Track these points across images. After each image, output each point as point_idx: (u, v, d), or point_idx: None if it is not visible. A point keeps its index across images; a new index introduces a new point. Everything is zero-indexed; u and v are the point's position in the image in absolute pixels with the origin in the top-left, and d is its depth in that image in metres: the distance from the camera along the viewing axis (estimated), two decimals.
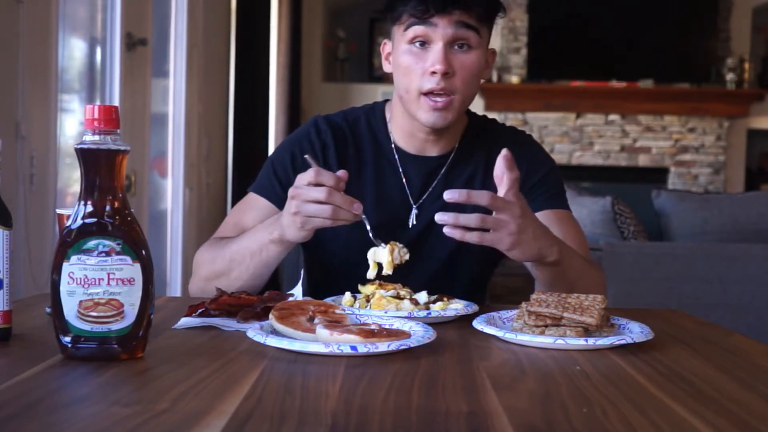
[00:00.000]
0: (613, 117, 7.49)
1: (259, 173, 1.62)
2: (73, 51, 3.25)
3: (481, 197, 1.21)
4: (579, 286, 1.38)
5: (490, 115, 1.70)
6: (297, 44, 6.34)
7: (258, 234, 1.43)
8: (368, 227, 1.35)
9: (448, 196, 1.21)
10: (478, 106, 7.32)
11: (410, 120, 1.54)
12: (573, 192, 3.78)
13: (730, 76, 7.28)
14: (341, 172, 1.29)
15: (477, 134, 1.63)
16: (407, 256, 1.32)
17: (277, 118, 5.85)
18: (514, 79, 7.39)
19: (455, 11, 1.44)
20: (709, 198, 3.67)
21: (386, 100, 1.65)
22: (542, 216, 1.53)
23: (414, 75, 1.47)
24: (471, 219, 1.21)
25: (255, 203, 1.58)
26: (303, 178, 1.31)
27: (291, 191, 1.31)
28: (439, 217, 1.20)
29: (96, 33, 3.39)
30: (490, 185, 1.54)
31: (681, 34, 7.29)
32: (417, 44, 1.47)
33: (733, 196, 3.72)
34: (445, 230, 1.20)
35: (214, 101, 4.88)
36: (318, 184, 1.29)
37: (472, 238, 1.21)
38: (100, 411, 0.78)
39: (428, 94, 1.47)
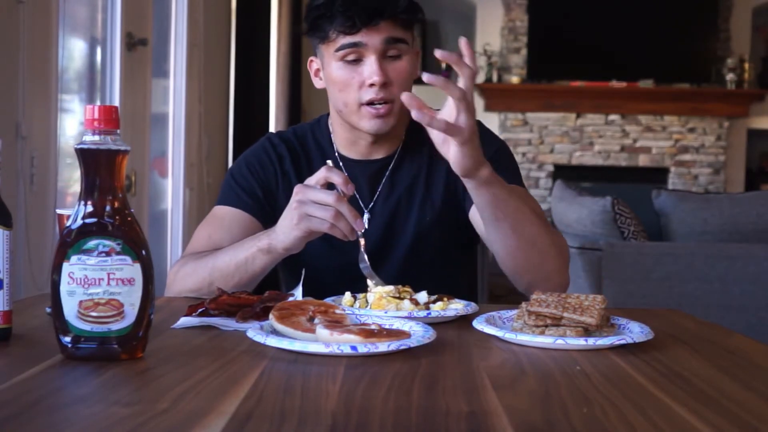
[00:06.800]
0: (613, 117, 7.49)
1: (221, 190, 1.63)
2: (73, 51, 3.25)
3: (453, 90, 1.19)
4: (525, 224, 1.37)
5: (491, 116, 1.71)
6: (297, 44, 6.34)
7: (246, 244, 1.43)
8: (362, 249, 1.36)
9: (426, 78, 1.17)
10: (478, 106, 7.32)
11: (351, 130, 1.57)
12: (573, 192, 3.78)
13: (730, 76, 7.28)
14: (349, 187, 1.30)
15: (421, 130, 1.61)
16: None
17: (277, 118, 5.85)
18: (514, 79, 7.39)
19: (382, 23, 1.46)
20: (709, 198, 3.66)
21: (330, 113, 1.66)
22: None
23: (351, 89, 1.50)
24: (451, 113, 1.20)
25: (225, 214, 1.58)
26: (313, 178, 1.33)
27: (297, 187, 1.32)
28: (428, 78, 1.16)
29: (96, 33, 3.39)
30: (433, 180, 1.61)
31: (681, 34, 7.30)
32: (350, 59, 1.49)
33: (733, 196, 3.72)
34: (414, 114, 1.19)
35: (214, 101, 4.88)
36: (327, 183, 1.31)
37: (439, 122, 1.19)
38: (100, 411, 0.78)
39: (368, 104, 1.50)
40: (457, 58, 1.19)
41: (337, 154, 1.62)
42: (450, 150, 1.26)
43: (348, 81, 1.49)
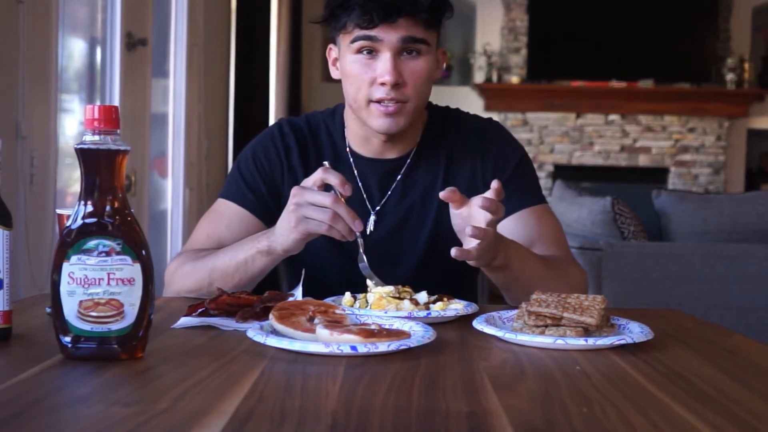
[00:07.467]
0: (613, 117, 7.49)
1: (227, 178, 1.61)
2: (73, 51, 3.25)
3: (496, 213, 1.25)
4: (539, 287, 1.37)
5: (491, 116, 1.69)
6: (297, 44, 6.34)
7: (245, 245, 1.41)
8: (361, 249, 1.35)
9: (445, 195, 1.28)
10: (478, 106, 7.32)
11: (363, 127, 1.53)
12: (573, 192, 3.78)
13: (730, 76, 7.28)
14: (347, 188, 1.28)
15: (438, 130, 1.60)
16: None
17: (276, 118, 5.85)
18: (514, 79, 7.39)
19: (401, 20, 1.41)
20: (709, 198, 3.67)
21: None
22: (519, 216, 1.52)
23: (363, 84, 1.45)
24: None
25: (226, 209, 1.56)
26: (309, 179, 1.31)
27: (294, 189, 1.30)
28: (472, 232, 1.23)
29: (96, 33, 3.39)
30: (452, 182, 1.54)
31: (681, 34, 7.29)
32: (364, 53, 1.44)
33: (733, 196, 3.72)
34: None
35: (214, 101, 4.88)
36: (324, 184, 1.29)
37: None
38: (100, 411, 0.78)
39: (378, 101, 1.45)
40: (496, 201, 1.24)
41: (348, 150, 1.57)
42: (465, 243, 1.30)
43: (360, 76, 1.45)
